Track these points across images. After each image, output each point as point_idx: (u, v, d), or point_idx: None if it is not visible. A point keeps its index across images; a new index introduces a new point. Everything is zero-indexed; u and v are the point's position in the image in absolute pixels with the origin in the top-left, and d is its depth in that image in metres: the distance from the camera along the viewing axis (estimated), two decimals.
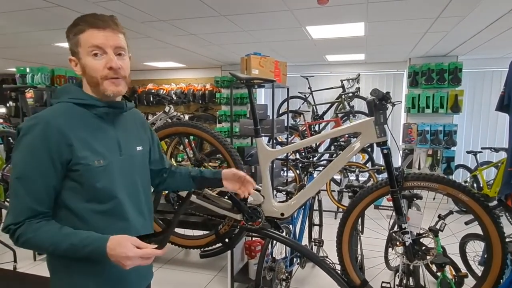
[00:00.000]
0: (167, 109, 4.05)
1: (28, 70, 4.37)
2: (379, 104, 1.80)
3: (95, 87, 1.15)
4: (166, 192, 2.71)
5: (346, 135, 5.13)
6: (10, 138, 4.08)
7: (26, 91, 3.61)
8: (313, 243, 3.30)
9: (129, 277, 1.21)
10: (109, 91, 1.14)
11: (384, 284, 2.50)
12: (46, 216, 1.08)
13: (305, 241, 3.35)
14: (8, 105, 6.18)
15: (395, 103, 1.97)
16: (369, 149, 5.64)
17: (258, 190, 2.18)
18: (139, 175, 1.27)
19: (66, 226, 1.08)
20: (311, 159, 3.95)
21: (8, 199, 3.88)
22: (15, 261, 3.54)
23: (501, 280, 1.72)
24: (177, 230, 2.56)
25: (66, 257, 1.08)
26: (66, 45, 1.17)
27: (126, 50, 1.18)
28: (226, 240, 2.47)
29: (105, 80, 1.13)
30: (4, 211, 3.92)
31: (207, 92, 6.97)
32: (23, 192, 1.05)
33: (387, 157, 1.83)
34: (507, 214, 4.30)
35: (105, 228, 1.11)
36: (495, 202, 3.97)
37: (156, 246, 1.08)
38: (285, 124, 3.85)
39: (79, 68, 1.15)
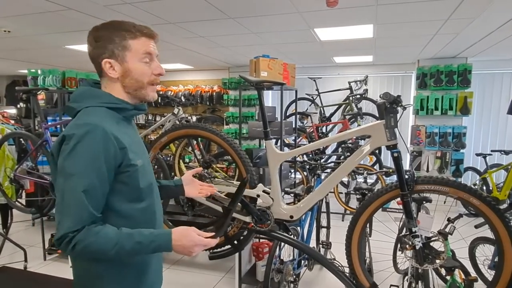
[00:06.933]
0: (176, 110, 4.07)
1: (39, 72, 4.41)
2: (390, 107, 1.80)
3: (136, 90, 1.20)
4: None
5: (354, 137, 5.12)
6: (21, 139, 4.13)
7: (38, 93, 3.66)
8: (320, 245, 3.30)
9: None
10: (150, 96, 1.22)
11: None
12: (100, 221, 1.09)
13: (312, 243, 3.34)
14: (18, 106, 6.27)
15: (406, 106, 1.96)
16: (377, 151, 5.62)
17: (267, 193, 2.19)
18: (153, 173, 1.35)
19: (123, 227, 1.10)
20: (318, 161, 3.95)
21: (19, 199, 3.92)
22: (25, 260, 3.59)
23: None
24: None
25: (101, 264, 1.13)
26: (76, 47, 1.20)
27: None
28: (235, 242, 2.48)
29: (149, 85, 1.21)
30: (13, 211, 3.95)
31: (214, 93, 7.00)
32: (85, 200, 1.04)
33: (397, 160, 1.83)
34: None
35: (144, 224, 1.16)
36: (504, 205, 3.93)
37: (213, 234, 1.19)
38: (293, 126, 3.85)
39: (117, 71, 1.17)
